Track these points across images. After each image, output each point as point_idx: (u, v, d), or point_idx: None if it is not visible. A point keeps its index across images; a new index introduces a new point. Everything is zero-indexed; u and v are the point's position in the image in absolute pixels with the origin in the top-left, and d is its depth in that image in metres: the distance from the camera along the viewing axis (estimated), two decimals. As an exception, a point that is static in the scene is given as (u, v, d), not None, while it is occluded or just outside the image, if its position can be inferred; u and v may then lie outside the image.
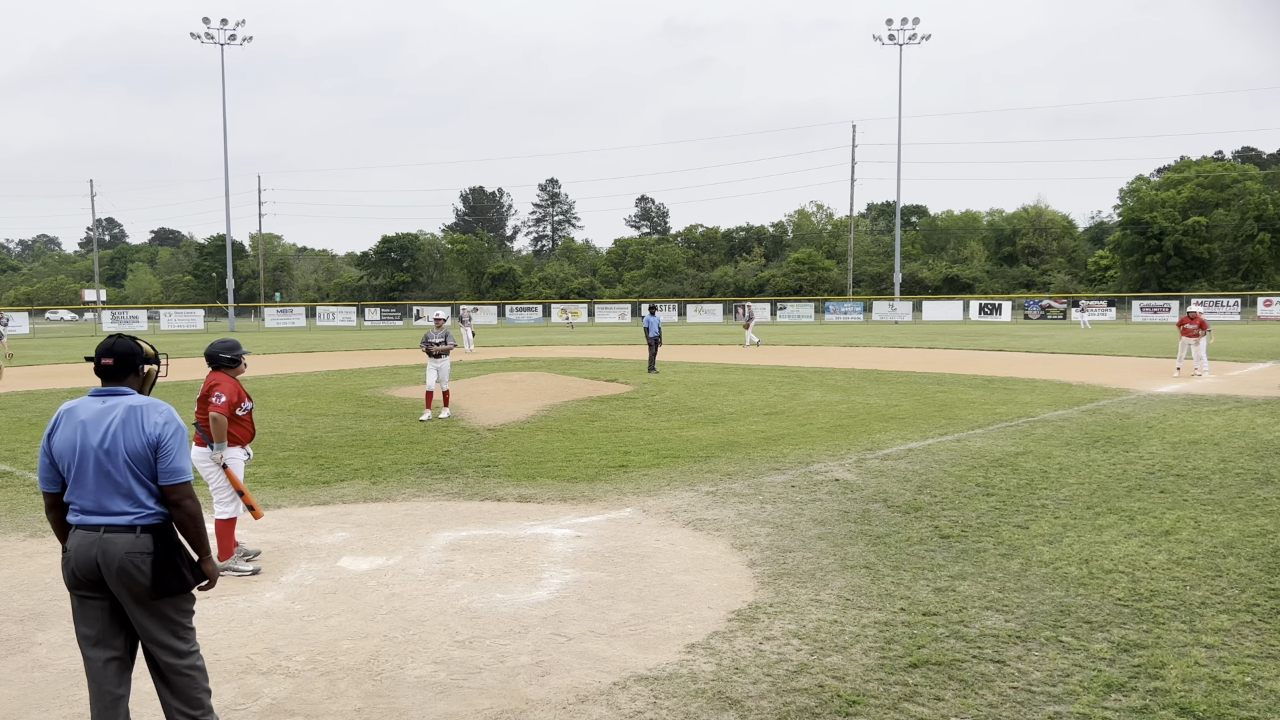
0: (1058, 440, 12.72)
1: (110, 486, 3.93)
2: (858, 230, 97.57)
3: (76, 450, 3.95)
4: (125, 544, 3.91)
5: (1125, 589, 6.47)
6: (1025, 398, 17.85)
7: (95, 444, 3.94)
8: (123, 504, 3.95)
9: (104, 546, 3.91)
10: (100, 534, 3.92)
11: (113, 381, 4.11)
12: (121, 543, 3.91)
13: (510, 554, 7.54)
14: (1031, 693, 4.85)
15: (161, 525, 4.02)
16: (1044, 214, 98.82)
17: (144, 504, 3.97)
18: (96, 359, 4.09)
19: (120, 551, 3.90)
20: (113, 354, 4.09)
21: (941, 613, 6.03)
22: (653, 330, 25.29)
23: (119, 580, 3.91)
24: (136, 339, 4.22)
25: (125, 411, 4.00)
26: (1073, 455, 11.56)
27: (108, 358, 4.08)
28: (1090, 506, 8.89)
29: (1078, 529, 8.08)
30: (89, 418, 3.99)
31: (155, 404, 4.06)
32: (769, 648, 5.49)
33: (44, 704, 4.88)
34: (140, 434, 3.95)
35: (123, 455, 3.93)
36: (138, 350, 4.16)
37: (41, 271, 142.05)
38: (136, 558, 3.91)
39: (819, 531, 8.09)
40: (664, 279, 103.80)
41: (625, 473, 10.85)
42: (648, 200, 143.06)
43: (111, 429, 3.95)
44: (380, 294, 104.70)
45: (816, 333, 51.02)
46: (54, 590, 6.74)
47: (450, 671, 5.24)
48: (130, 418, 3.98)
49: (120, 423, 3.97)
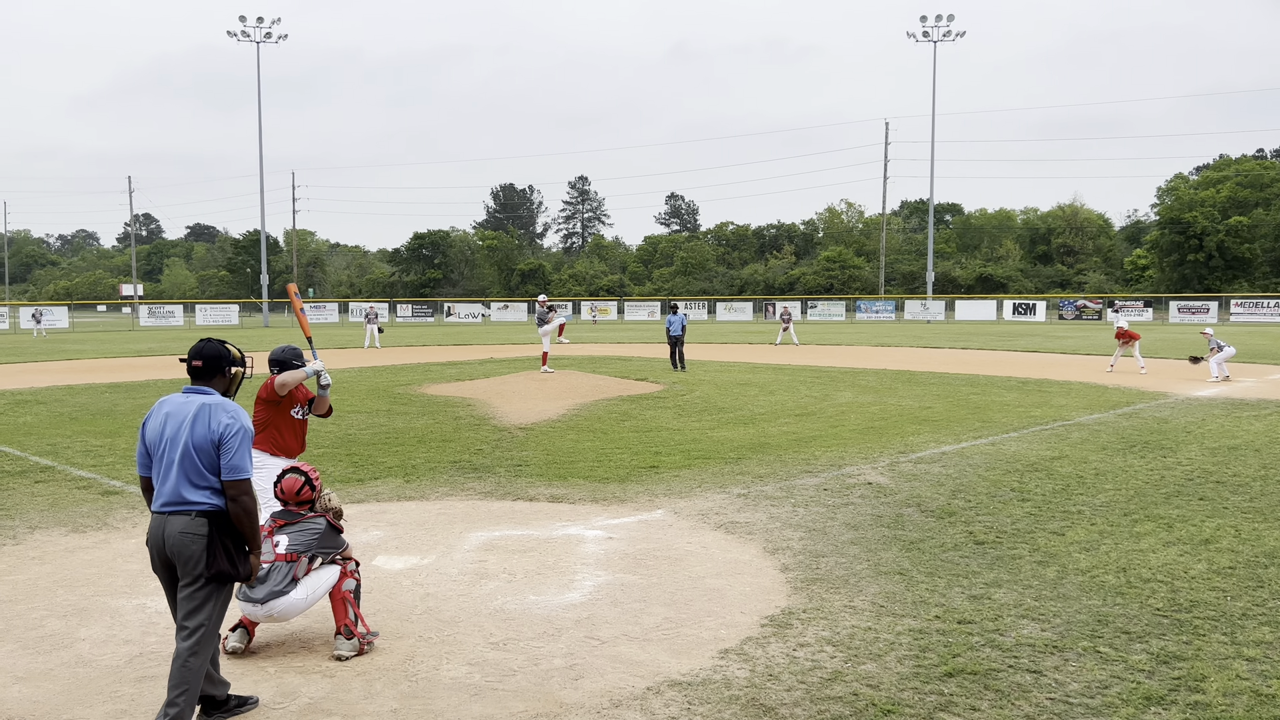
0: (1094, 444, 12.57)
1: (179, 475, 4.37)
2: (890, 228, 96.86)
3: (161, 439, 4.43)
4: (181, 524, 4.35)
5: (1164, 599, 6.39)
6: (1060, 400, 17.66)
7: (171, 435, 4.40)
8: (186, 491, 4.37)
9: (164, 527, 4.38)
10: (165, 518, 4.38)
11: (201, 381, 4.55)
12: (178, 523, 4.36)
13: (543, 555, 7.57)
14: (1069, 704, 4.81)
15: (217, 514, 4.41)
16: (1080, 212, 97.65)
17: (204, 492, 4.38)
18: (188, 360, 4.54)
19: (176, 530, 4.35)
20: (202, 357, 4.54)
21: (977, 621, 5.98)
22: (674, 329, 25.25)
23: (173, 555, 4.36)
24: (225, 342, 4.67)
25: (198, 409, 4.43)
26: (1109, 460, 11.43)
27: (197, 360, 4.54)
28: (1127, 513, 8.79)
29: (1115, 536, 7.99)
30: (172, 410, 4.47)
31: (224, 404, 4.48)
32: (803, 654, 5.48)
33: (87, 699, 4.97)
34: (207, 430, 4.38)
35: (190, 447, 4.36)
36: (225, 353, 4.62)
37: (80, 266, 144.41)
38: (190, 537, 4.34)
39: (852, 536, 8.06)
40: (694, 276, 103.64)
41: (656, 473, 10.86)
42: (678, 197, 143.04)
43: (185, 423, 4.39)
44: (412, 290, 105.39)
45: (848, 332, 50.76)
46: (97, 586, 6.86)
47: (485, 673, 5.28)
48: (201, 414, 4.41)
49: (192, 418, 4.40)
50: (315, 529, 5.67)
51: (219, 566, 4.38)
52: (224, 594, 4.50)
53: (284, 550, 5.55)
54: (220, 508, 4.41)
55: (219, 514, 4.41)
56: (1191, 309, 62.43)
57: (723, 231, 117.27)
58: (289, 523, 5.68)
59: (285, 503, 5.77)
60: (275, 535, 5.61)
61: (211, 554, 4.35)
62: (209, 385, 4.56)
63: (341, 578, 5.65)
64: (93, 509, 9.27)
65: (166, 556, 4.40)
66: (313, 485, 5.81)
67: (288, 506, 5.76)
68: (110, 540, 8.16)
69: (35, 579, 7.05)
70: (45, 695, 5.02)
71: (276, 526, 5.65)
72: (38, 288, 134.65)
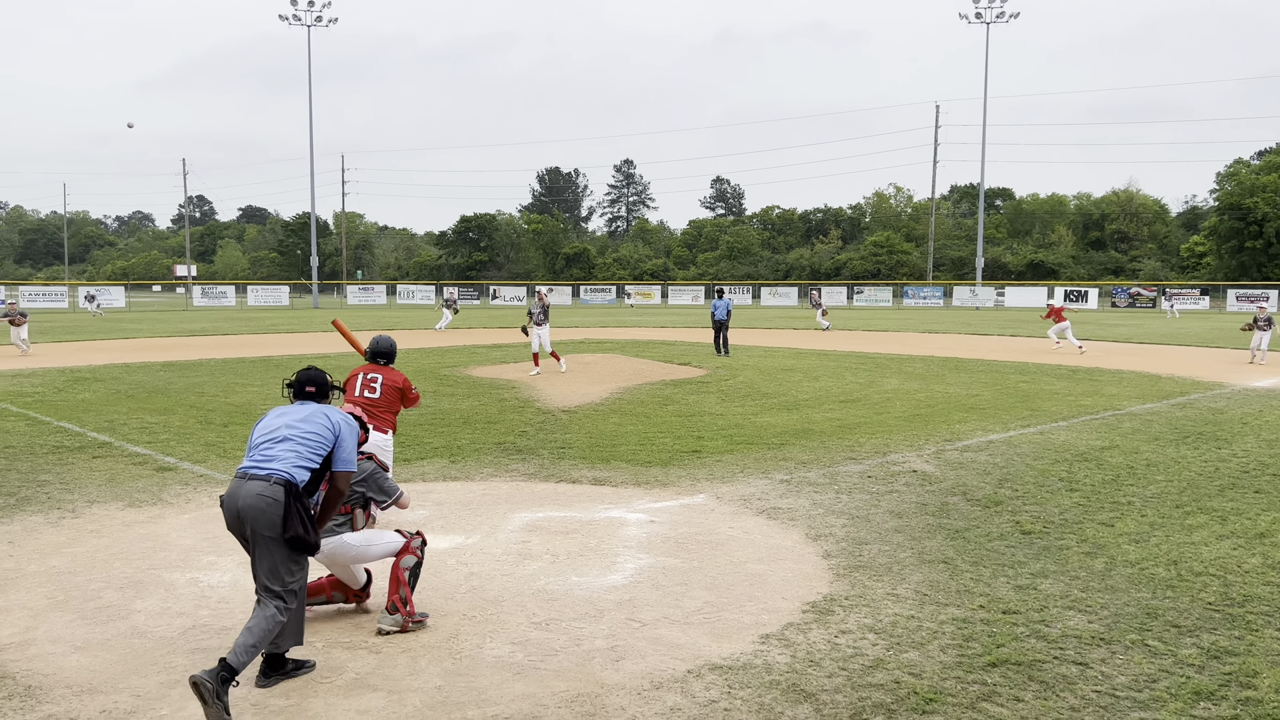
0: (1146, 435, 12.34)
1: (274, 450, 4.87)
2: (939, 213, 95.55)
3: (274, 427, 4.99)
4: (257, 488, 4.74)
5: (1216, 593, 6.27)
6: (1112, 389, 17.34)
7: (285, 423, 5.00)
8: (272, 462, 4.82)
9: (238, 490, 4.78)
10: (246, 481, 4.78)
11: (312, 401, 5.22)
12: (254, 486, 4.75)
13: (585, 537, 7.62)
14: (1115, 697, 4.74)
15: (293, 484, 4.79)
16: (1135, 198, 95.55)
17: (287, 464, 4.82)
18: (300, 385, 5.24)
19: (251, 493, 4.73)
20: (314, 383, 5.26)
21: (1022, 611, 5.92)
22: (718, 314, 25.18)
23: (248, 516, 4.73)
24: (325, 372, 5.37)
25: (314, 408, 5.13)
26: (1161, 451, 11.21)
27: (310, 386, 5.25)
28: (1179, 505, 8.63)
29: (1166, 528, 7.84)
30: (286, 410, 5.14)
31: (335, 409, 5.19)
32: (844, 641, 5.46)
33: (142, 669, 5.11)
34: (326, 420, 5.05)
35: (300, 430, 4.96)
36: (327, 380, 5.34)
37: (136, 247, 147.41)
38: (264, 500, 4.72)
39: (896, 524, 8.01)
40: (738, 261, 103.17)
41: (698, 458, 10.86)
42: (723, 181, 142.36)
43: (301, 416, 5.05)
44: (458, 273, 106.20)
45: (894, 318, 50.24)
46: (151, 559, 7.04)
47: (527, 653, 5.34)
48: (318, 411, 5.11)
49: (309, 414, 5.08)
50: (363, 469, 5.81)
51: (294, 532, 4.76)
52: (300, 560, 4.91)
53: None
54: (297, 481, 4.82)
55: (294, 485, 4.79)
56: (1250, 297, 60.89)
57: (768, 216, 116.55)
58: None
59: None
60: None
61: (290, 519, 4.74)
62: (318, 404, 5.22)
63: (403, 552, 5.74)
64: (148, 485, 9.50)
65: (243, 518, 4.76)
66: (366, 427, 5.87)
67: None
68: (165, 515, 8.36)
69: (93, 552, 7.25)
70: (103, 664, 5.17)
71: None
72: (96, 268, 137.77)
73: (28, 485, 9.41)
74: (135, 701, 4.71)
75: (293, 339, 32.82)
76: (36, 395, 16.35)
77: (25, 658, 5.24)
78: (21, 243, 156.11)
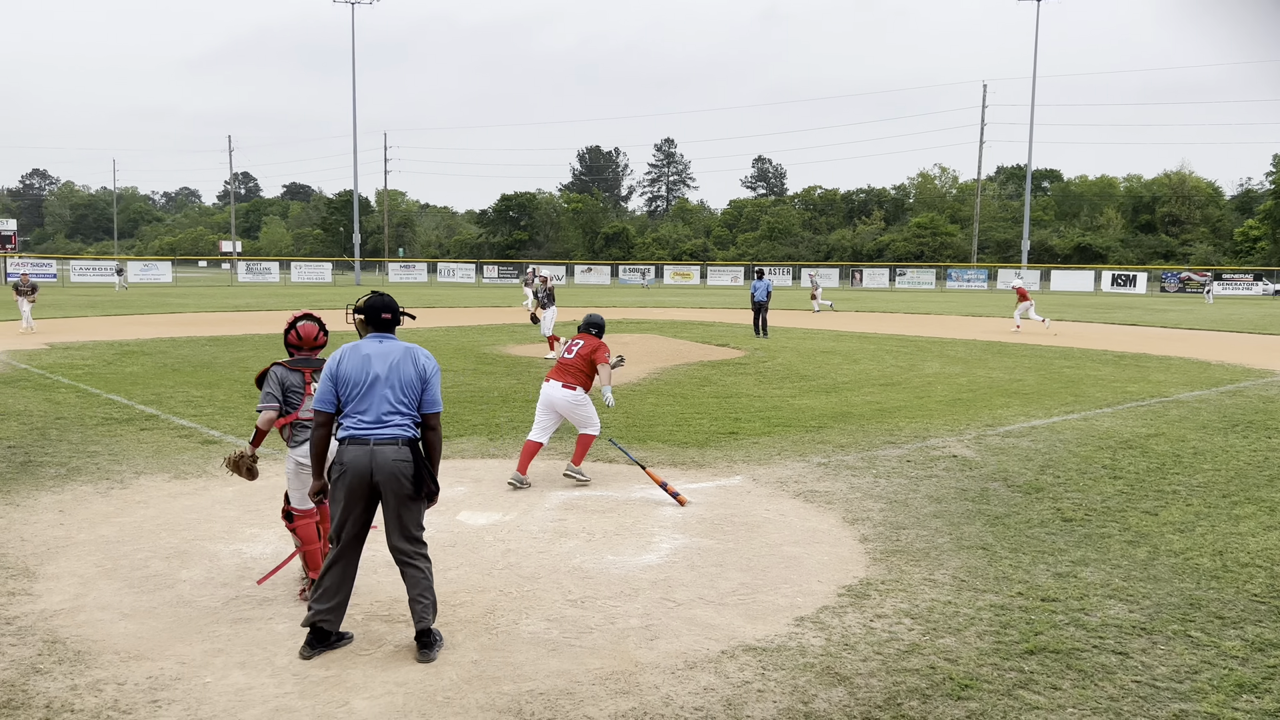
0: (1193, 423, 12.11)
1: (387, 407, 4.94)
2: (985, 194, 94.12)
3: (365, 377, 4.96)
4: (392, 453, 4.91)
5: (1263, 584, 6.15)
6: (1159, 376, 17.03)
7: (381, 373, 4.97)
8: (392, 421, 4.94)
9: (375, 456, 4.89)
10: (370, 446, 4.89)
11: (385, 330, 5.15)
12: (389, 452, 4.91)
13: (621, 516, 7.65)
14: (1156, 688, 4.68)
15: (414, 440, 5.02)
16: (1187, 180, 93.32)
17: (406, 422, 4.98)
18: (375, 311, 5.14)
19: (389, 460, 4.90)
20: (390, 310, 5.17)
21: (1061, 599, 5.86)
22: (759, 294, 25.03)
23: (388, 484, 4.91)
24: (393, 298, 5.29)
25: (403, 350, 5.07)
26: (1209, 439, 11.00)
27: (387, 312, 5.16)
28: (1226, 495, 8.46)
29: (1212, 518, 7.71)
30: (373, 352, 5.03)
31: (420, 348, 5.12)
32: (880, 625, 5.44)
33: (187, 637, 5.22)
34: (414, 367, 5.04)
35: (400, 382, 4.98)
36: (399, 307, 5.28)
37: (183, 223, 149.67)
38: (402, 465, 4.92)
39: (934, 509, 7.94)
40: (779, 242, 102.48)
41: (735, 440, 10.84)
42: (765, 161, 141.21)
43: (393, 361, 5.01)
44: (498, 252, 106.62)
45: (937, 300, 49.68)
46: (196, 530, 7.18)
47: (563, 630, 5.38)
48: (407, 354, 5.06)
49: (400, 358, 5.03)
50: None
51: (429, 488, 5.02)
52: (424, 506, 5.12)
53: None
54: (416, 436, 5.02)
55: (415, 441, 5.01)
56: (1305, 283, 59.36)
57: (810, 196, 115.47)
58: (316, 369, 5.97)
59: (299, 348, 6.07)
60: (313, 382, 5.91)
61: (419, 477, 4.98)
62: (391, 333, 5.17)
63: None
64: (193, 457, 9.68)
65: (372, 482, 4.90)
66: (325, 330, 6.17)
67: (301, 352, 6.07)
68: (209, 488, 8.52)
69: (140, 522, 7.41)
70: (149, 632, 5.30)
71: (311, 374, 5.95)
72: (144, 243, 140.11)
73: (78, 456, 9.63)
74: (180, 668, 4.82)
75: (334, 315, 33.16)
76: (86, 368, 16.71)
77: (75, 623, 5.38)
78: (73, 218, 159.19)
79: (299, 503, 5.90)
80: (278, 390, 5.85)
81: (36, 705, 4.41)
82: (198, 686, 4.63)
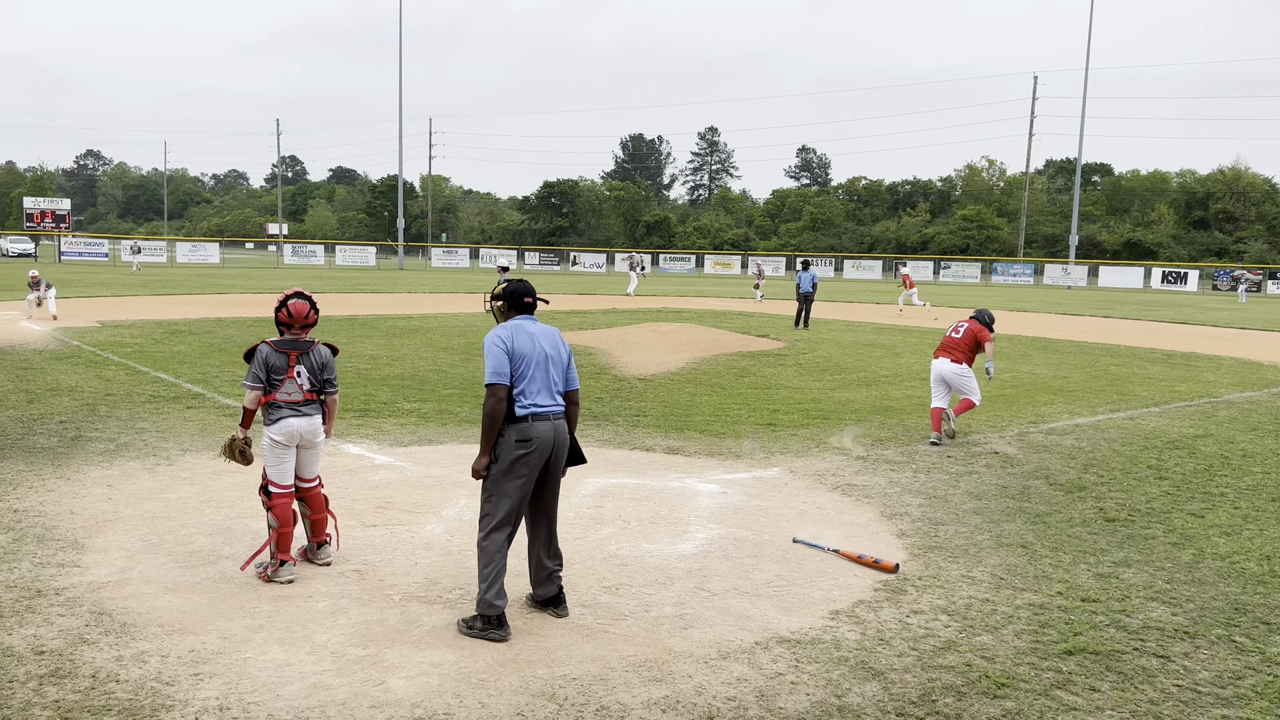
0: (1243, 424, 11.86)
1: (550, 385, 5.26)
2: (1033, 187, 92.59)
3: (534, 355, 5.22)
4: (563, 427, 5.30)
5: (1311, 592, 6.02)
6: (1209, 376, 16.68)
7: (548, 351, 5.28)
8: (557, 398, 5.28)
9: (558, 430, 5.25)
10: (554, 421, 5.23)
11: (531, 314, 5.42)
12: (563, 426, 5.30)
13: (657, 505, 7.66)
14: (1197, 693, 4.60)
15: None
16: (1243, 176, 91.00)
17: (561, 397, 5.33)
18: (517, 296, 5.38)
19: (563, 434, 5.29)
20: (532, 295, 5.43)
21: (1102, 600, 5.77)
22: (804, 285, 24.84)
23: (560, 456, 5.29)
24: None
25: (552, 331, 5.41)
26: (1259, 442, 10.76)
27: (529, 297, 5.42)
28: (1276, 499, 8.28)
29: (1260, 522, 7.55)
30: (537, 332, 5.33)
31: (557, 330, 5.44)
32: (916, 621, 5.40)
33: (229, 613, 5.32)
34: (563, 348, 5.41)
35: (558, 361, 5.33)
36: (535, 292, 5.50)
37: (231, 205, 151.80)
38: (566, 438, 5.31)
39: (974, 506, 7.86)
40: (822, 232, 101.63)
41: (773, 431, 10.80)
42: (809, 150, 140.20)
43: (553, 341, 5.36)
44: (539, 238, 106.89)
45: (982, 295, 49.03)
46: (239, 508, 7.31)
47: (597, 616, 5.41)
48: (557, 335, 5.43)
49: (556, 339, 5.40)
50: (323, 355, 6.12)
51: (581, 457, 5.47)
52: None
53: (306, 385, 5.97)
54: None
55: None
56: (1365, 284, 57.75)
57: (854, 187, 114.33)
58: (303, 352, 5.99)
59: (290, 326, 6.05)
60: (297, 366, 5.95)
61: (575, 449, 5.42)
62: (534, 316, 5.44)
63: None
64: (238, 436, 9.82)
65: (553, 455, 5.22)
66: (316, 309, 6.17)
67: (292, 330, 6.04)
68: (254, 467, 8.63)
69: (185, 498, 7.55)
70: (193, 606, 5.40)
71: (297, 357, 5.96)
72: (193, 224, 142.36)
73: (126, 432, 9.84)
74: (222, 643, 4.92)
75: (378, 299, 33.53)
76: (136, 346, 17.04)
77: (121, 596, 5.51)
78: (125, 198, 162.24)
79: (278, 478, 5.96)
80: (262, 371, 5.92)
81: (83, 674, 4.52)
82: (238, 661, 4.72)
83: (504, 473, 5.11)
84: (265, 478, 6.02)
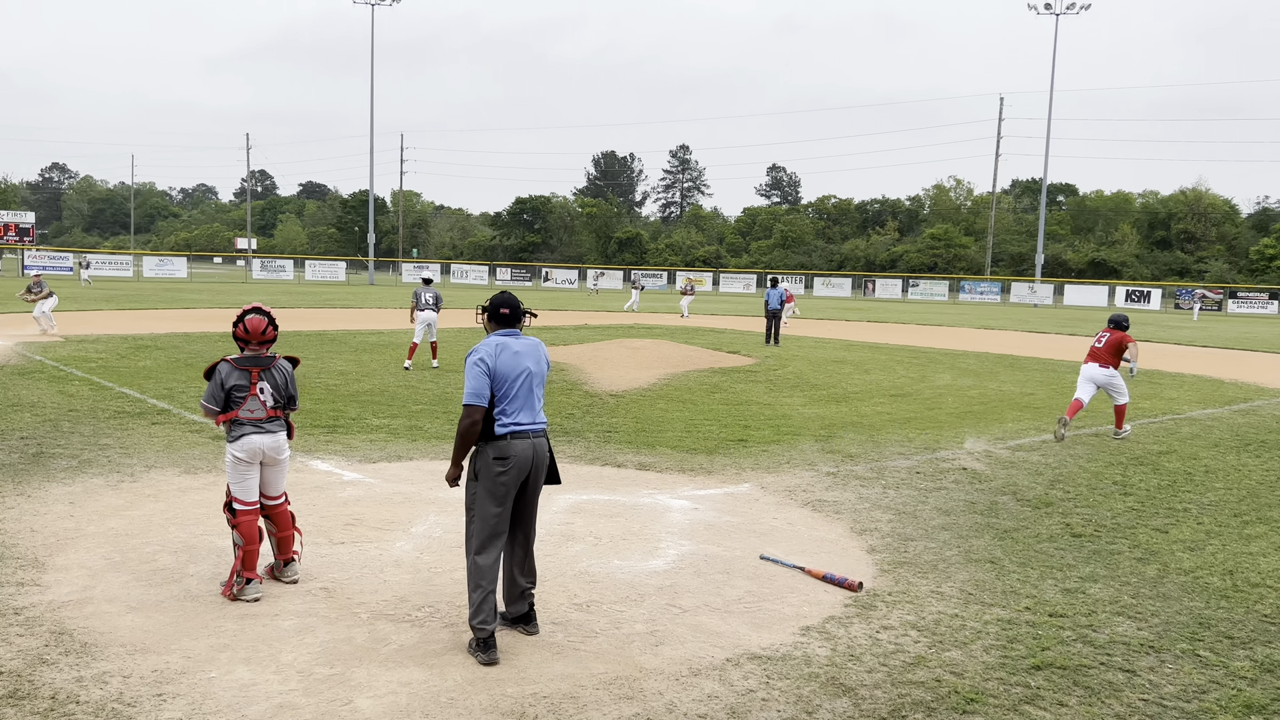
0: (1205, 441, 12.04)
1: (534, 400, 5.24)
2: (1000, 207, 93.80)
3: (517, 373, 5.16)
4: (544, 445, 5.26)
5: (1273, 605, 6.11)
6: (1171, 393, 16.94)
7: (531, 368, 5.22)
8: (539, 414, 5.26)
9: (538, 448, 5.21)
10: (532, 439, 5.18)
11: (514, 326, 5.32)
12: (544, 444, 5.27)
13: (628, 521, 7.64)
14: (1163, 706, 4.65)
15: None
16: (1204, 198, 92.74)
17: (541, 414, 5.30)
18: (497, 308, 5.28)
19: (544, 450, 5.27)
20: (510, 306, 5.31)
21: (1069, 615, 5.82)
22: (773, 302, 25.00)
23: (539, 474, 5.26)
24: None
25: (536, 346, 5.35)
26: (1221, 458, 10.93)
27: (505, 308, 5.30)
28: (1238, 514, 8.41)
29: (1223, 537, 7.65)
30: (521, 349, 5.24)
31: (541, 342, 5.39)
32: (886, 637, 5.42)
33: (193, 632, 5.24)
34: (546, 363, 5.38)
35: (540, 377, 5.30)
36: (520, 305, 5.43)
37: (199, 219, 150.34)
38: (547, 455, 5.29)
39: (943, 521, 7.91)
40: (792, 250, 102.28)
41: (744, 447, 10.82)
42: (779, 169, 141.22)
43: (537, 357, 5.30)
44: (511, 254, 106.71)
45: (950, 313, 49.55)
46: (205, 525, 7.20)
47: (567, 633, 5.38)
48: (539, 350, 5.36)
49: (540, 353, 5.34)
50: (286, 371, 6.05)
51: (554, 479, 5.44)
52: None
53: (269, 402, 5.88)
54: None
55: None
56: (1322, 303, 58.94)
57: (824, 205, 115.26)
58: (264, 369, 5.92)
59: (248, 342, 5.94)
60: (260, 383, 5.87)
61: (554, 465, 5.39)
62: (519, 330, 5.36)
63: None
64: (204, 453, 9.71)
65: (531, 472, 5.20)
66: (275, 325, 6.07)
67: (250, 346, 5.94)
68: (219, 483, 8.53)
69: (150, 516, 7.44)
70: (156, 626, 5.31)
71: (259, 374, 5.88)
72: (160, 238, 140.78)
73: (90, 448, 9.68)
74: (186, 663, 4.84)
75: (348, 314, 33.29)
76: (100, 361, 16.80)
77: (82, 615, 5.41)
78: (90, 212, 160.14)
79: (242, 494, 5.89)
80: (220, 392, 5.83)
81: (42, 696, 4.42)
82: (202, 681, 4.64)
83: (485, 492, 5.09)
84: (229, 495, 5.93)
